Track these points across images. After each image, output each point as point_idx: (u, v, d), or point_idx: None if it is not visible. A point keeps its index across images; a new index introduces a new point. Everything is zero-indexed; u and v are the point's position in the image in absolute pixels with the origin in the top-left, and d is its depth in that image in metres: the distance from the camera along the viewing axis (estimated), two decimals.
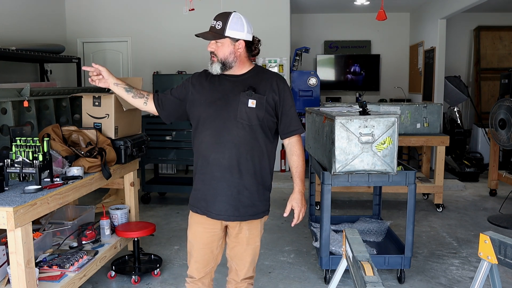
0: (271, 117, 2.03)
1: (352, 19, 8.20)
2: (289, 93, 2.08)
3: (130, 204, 3.54)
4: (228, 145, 1.98)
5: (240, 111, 1.98)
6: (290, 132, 2.08)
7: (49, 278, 2.60)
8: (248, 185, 2.03)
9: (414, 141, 4.79)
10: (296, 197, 2.09)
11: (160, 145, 5.18)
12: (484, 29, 7.85)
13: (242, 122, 1.98)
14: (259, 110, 1.99)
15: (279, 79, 2.09)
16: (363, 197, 5.51)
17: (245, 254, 2.16)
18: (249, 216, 2.08)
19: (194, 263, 2.18)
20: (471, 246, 3.87)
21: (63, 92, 4.24)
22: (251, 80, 2.04)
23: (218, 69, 2.03)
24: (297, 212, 2.10)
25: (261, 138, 2.03)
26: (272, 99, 2.03)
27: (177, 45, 6.79)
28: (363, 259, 1.54)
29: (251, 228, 2.12)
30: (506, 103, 4.80)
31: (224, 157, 1.99)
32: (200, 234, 2.12)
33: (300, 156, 2.10)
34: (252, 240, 2.14)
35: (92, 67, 2.10)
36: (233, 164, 1.99)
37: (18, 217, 2.10)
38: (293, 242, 4.00)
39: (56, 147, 2.83)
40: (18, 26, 5.70)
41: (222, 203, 2.03)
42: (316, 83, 6.86)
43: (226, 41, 2.00)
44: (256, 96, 1.99)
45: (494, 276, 1.71)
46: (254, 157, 2.01)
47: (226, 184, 2.01)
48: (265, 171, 2.09)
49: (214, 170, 2.01)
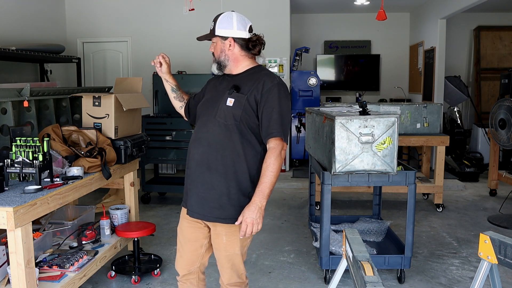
0: (249, 117, 1.92)
1: (352, 19, 8.20)
2: (276, 95, 1.91)
3: (130, 204, 3.54)
4: (202, 141, 1.99)
5: (220, 109, 1.96)
6: (267, 136, 1.92)
7: (49, 278, 2.60)
8: (216, 185, 1.94)
9: (414, 141, 4.79)
10: (249, 208, 1.87)
11: (160, 145, 5.18)
12: (484, 29, 7.85)
13: (219, 120, 1.95)
14: (236, 110, 1.92)
15: (268, 79, 1.94)
16: (363, 197, 5.51)
17: (224, 261, 2.05)
18: (215, 218, 1.97)
19: (179, 258, 2.17)
20: (471, 246, 3.87)
21: (63, 92, 4.24)
22: (241, 79, 2.00)
23: (214, 68, 2.05)
24: (243, 225, 1.87)
25: (237, 139, 1.92)
26: (254, 99, 1.92)
27: (177, 45, 6.78)
28: (363, 259, 1.54)
29: (229, 234, 1.99)
30: (506, 103, 4.80)
31: (198, 152, 2.00)
32: (185, 228, 2.12)
33: (270, 165, 1.87)
34: (229, 247, 2.01)
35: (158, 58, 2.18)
36: (204, 161, 1.97)
37: (18, 217, 2.10)
38: (293, 242, 4.00)
39: (56, 147, 2.83)
40: (18, 26, 5.70)
41: (193, 199, 2.02)
42: (316, 83, 6.86)
43: (217, 40, 2.01)
44: (236, 95, 1.93)
45: (494, 276, 1.71)
46: (226, 157, 1.93)
47: (196, 180, 2.01)
48: (241, 174, 1.94)
49: (191, 165, 2.04)
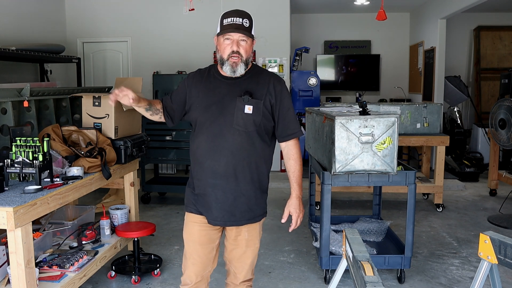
0: (268, 121, 1.98)
1: (352, 19, 8.20)
2: (286, 95, 2.02)
3: (130, 204, 3.54)
4: (224, 152, 1.93)
5: (237, 117, 1.91)
6: (287, 136, 2.02)
7: (49, 278, 2.60)
8: (245, 191, 1.99)
9: (414, 141, 4.79)
10: (294, 202, 2.06)
11: (160, 145, 5.18)
12: (484, 29, 7.85)
13: (238, 128, 1.92)
14: (256, 116, 1.93)
15: (276, 80, 2.01)
16: (363, 197, 5.51)
17: (244, 256, 2.11)
18: (246, 221, 2.04)
19: (191, 266, 2.10)
20: (471, 246, 3.87)
21: (63, 92, 4.24)
22: (248, 83, 1.97)
23: (243, 70, 1.94)
24: (295, 218, 2.07)
25: (258, 143, 1.97)
26: (269, 102, 1.97)
27: (177, 45, 6.78)
28: (363, 259, 1.54)
29: (250, 230, 2.09)
30: (506, 103, 4.80)
31: (220, 164, 1.93)
32: (197, 232, 2.07)
33: (297, 160, 2.04)
34: (251, 242, 2.10)
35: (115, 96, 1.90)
36: (230, 172, 1.94)
37: (18, 217, 2.10)
38: (293, 242, 4.00)
39: (56, 147, 2.83)
40: (18, 26, 5.70)
41: (218, 210, 1.99)
42: (316, 83, 6.86)
43: (251, 41, 1.95)
44: (253, 101, 1.92)
45: (494, 276, 1.71)
46: (251, 163, 1.97)
47: (221, 191, 1.97)
48: (262, 175, 2.05)
49: (209, 177, 1.97)
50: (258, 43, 6.63)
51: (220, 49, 1.94)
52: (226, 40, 1.90)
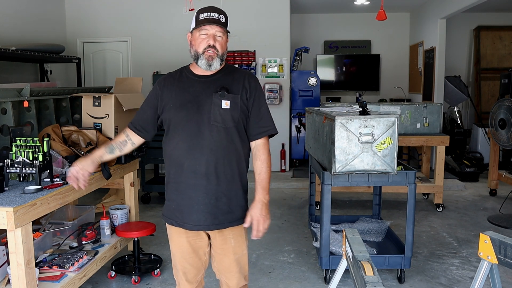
0: (245, 117, 1.94)
1: (352, 19, 8.20)
2: (261, 92, 1.98)
3: (130, 204, 3.54)
4: (204, 150, 1.86)
5: (214, 113, 1.86)
6: (258, 134, 1.95)
7: (49, 278, 2.60)
8: (226, 191, 1.92)
9: (414, 141, 4.79)
10: (256, 206, 1.92)
11: (160, 145, 5.12)
12: (484, 29, 7.85)
13: (216, 125, 1.86)
14: (234, 111, 1.88)
15: (250, 77, 1.98)
16: (363, 197, 5.51)
17: (233, 265, 2.03)
18: (228, 223, 1.95)
19: (183, 275, 2.05)
20: (471, 246, 3.87)
21: (63, 92, 4.24)
22: (223, 80, 1.93)
23: (218, 65, 1.90)
24: (255, 223, 1.91)
25: (237, 140, 1.92)
26: (246, 98, 1.93)
27: (177, 45, 6.78)
28: (363, 259, 1.54)
29: (236, 236, 2.00)
30: (506, 103, 4.80)
31: (200, 163, 1.86)
32: (185, 244, 2.00)
33: (265, 161, 1.94)
34: (238, 249, 2.03)
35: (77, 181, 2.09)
36: (210, 171, 1.87)
37: (18, 217, 2.10)
38: (293, 242, 4.00)
39: (56, 147, 2.83)
40: (18, 26, 5.70)
41: (200, 212, 1.91)
42: (316, 83, 6.87)
43: (226, 37, 1.92)
44: (230, 96, 1.88)
45: (494, 276, 1.71)
46: (232, 162, 1.91)
47: (203, 192, 1.89)
48: (243, 174, 1.98)
49: (189, 177, 1.89)
50: (258, 43, 6.65)
51: (195, 44, 1.90)
52: (202, 35, 1.88)
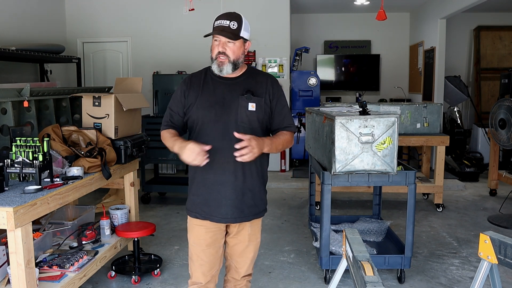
0: (268, 118, 2.09)
1: (352, 19, 8.20)
2: (282, 94, 2.14)
3: (130, 204, 3.54)
4: (232, 149, 1.94)
5: (241, 115, 2.00)
6: (282, 128, 2.11)
7: (49, 278, 2.60)
8: (251, 186, 2.07)
9: (414, 141, 4.79)
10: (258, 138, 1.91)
11: (160, 145, 5.09)
12: (484, 29, 7.85)
13: (243, 125, 2.00)
14: (259, 113, 2.03)
15: (273, 80, 2.14)
16: (363, 197, 5.51)
17: (247, 250, 2.18)
18: (253, 216, 2.12)
19: (199, 267, 2.14)
20: (471, 246, 3.87)
21: (63, 92, 4.24)
22: (247, 83, 2.07)
23: (230, 70, 2.01)
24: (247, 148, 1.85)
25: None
26: (269, 100, 2.07)
27: (177, 45, 6.79)
28: (363, 259, 1.54)
29: (253, 225, 2.16)
30: (506, 103, 4.80)
31: (229, 161, 1.99)
32: (204, 235, 2.10)
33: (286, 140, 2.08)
34: (254, 237, 2.18)
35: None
36: (238, 168, 2.01)
37: (18, 217, 2.10)
38: (293, 242, 4.00)
39: (56, 147, 2.83)
40: (18, 26, 5.70)
41: (227, 207, 2.04)
42: (316, 83, 6.87)
43: (240, 42, 2.01)
44: (255, 99, 2.03)
45: (494, 276, 1.71)
46: (257, 160, 2.00)
47: (230, 187, 2.03)
48: (265, 171, 2.16)
49: (218, 174, 2.02)
50: (258, 43, 6.65)
51: (211, 49, 2.05)
52: (215, 41, 2.02)
